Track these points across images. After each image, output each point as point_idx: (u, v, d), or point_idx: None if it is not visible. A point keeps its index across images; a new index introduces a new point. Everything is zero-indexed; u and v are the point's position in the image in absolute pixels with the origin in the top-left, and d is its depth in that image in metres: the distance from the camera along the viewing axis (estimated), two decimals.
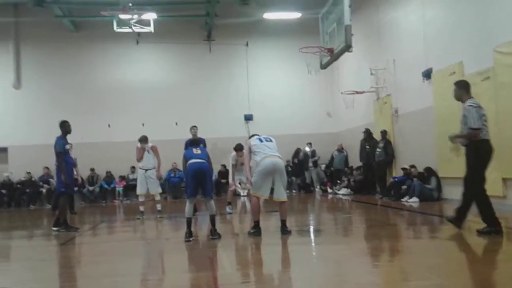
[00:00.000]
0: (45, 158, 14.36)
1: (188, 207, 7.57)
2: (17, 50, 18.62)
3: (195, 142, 8.25)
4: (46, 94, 18.53)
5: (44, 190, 17.38)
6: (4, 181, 17.66)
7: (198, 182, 7.52)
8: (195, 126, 11.40)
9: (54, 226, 9.35)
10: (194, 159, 7.58)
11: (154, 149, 11.12)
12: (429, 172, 12.02)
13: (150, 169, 11.11)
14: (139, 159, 11.08)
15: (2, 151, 18.28)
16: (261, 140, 7.71)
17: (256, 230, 7.52)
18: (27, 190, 17.44)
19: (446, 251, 6.24)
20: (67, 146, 9.27)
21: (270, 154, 7.50)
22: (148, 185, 11.12)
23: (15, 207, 17.33)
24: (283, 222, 7.62)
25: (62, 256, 7.37)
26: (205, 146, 9.70)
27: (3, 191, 17.48)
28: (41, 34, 18.41)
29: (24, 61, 18.70)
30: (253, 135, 8.14)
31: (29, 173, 17.50)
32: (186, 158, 7.74)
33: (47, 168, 17.14)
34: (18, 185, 17.72)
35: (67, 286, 5.26)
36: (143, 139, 11.12)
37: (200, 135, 10.95)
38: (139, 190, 11.19)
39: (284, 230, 7.55)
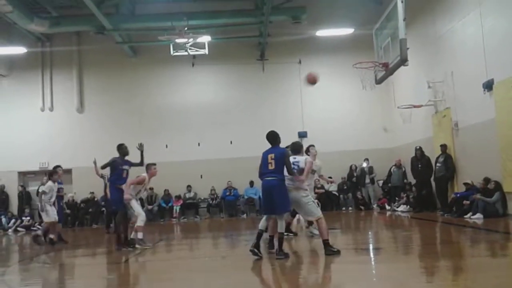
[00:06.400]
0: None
1: (262, 220, 7.67)
2: (80, 76, 19.54)
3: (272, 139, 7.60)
4: (108, 117, 19.31)
5: (105, 210, 17.95)
6: (68, 201, 18.39)
7: (267, 200, 7.45)
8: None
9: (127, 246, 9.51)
10: (265, 176, 7.40)
11: None
12: (496, 187, 11.47)
13: None
14: None
15: (66, 172, 19.06)
16: None
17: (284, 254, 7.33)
18: (90, 210, 18.11)
19: None
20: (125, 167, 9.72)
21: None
22: None
23: (78, 226, 18.00)
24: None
25: (123, 273, 7.55)
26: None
27: (68, 211, 18.21)
28: (102, 60, 19.26)
29: (86, 86, 19.59)
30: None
31: (93, 193, 18.15)
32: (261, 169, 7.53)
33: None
34: (82, 205, 18.42)
35: None
36: None
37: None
38: None
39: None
